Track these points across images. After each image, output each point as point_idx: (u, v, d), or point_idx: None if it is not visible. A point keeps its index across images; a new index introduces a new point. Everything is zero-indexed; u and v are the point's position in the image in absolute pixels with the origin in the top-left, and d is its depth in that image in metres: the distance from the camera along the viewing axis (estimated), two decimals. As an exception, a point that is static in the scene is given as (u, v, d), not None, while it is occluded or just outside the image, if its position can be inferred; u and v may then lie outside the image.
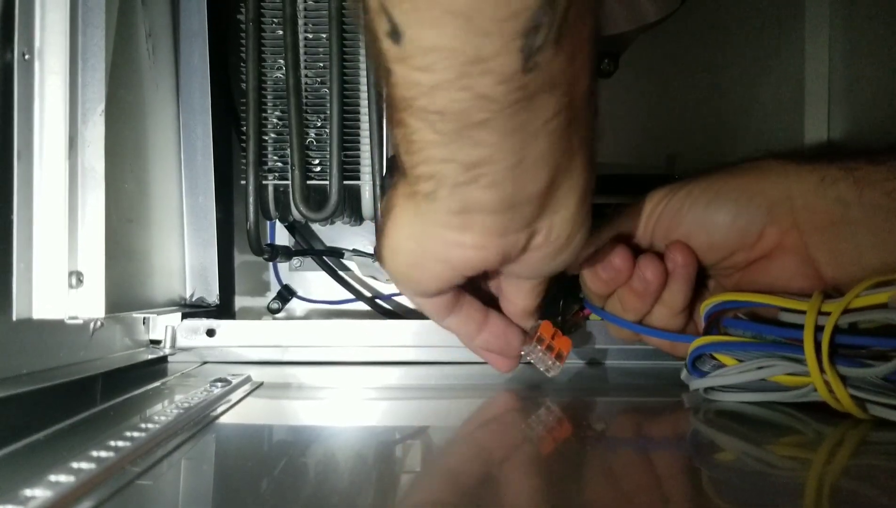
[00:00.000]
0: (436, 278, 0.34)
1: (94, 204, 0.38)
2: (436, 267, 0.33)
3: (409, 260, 0.33)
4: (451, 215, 0.30)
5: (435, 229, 0.31)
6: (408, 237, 0.32)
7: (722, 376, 0.39)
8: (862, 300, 0.35)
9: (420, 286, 0.35)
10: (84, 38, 0.39)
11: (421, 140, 0.27)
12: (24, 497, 0.24)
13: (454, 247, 0.31)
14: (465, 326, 0.39)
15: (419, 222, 0.31)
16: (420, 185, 0.29)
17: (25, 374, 0.36)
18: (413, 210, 0.31)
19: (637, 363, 0.50)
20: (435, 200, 0.29)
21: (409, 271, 0.34)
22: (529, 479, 0.30)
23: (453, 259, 0.32)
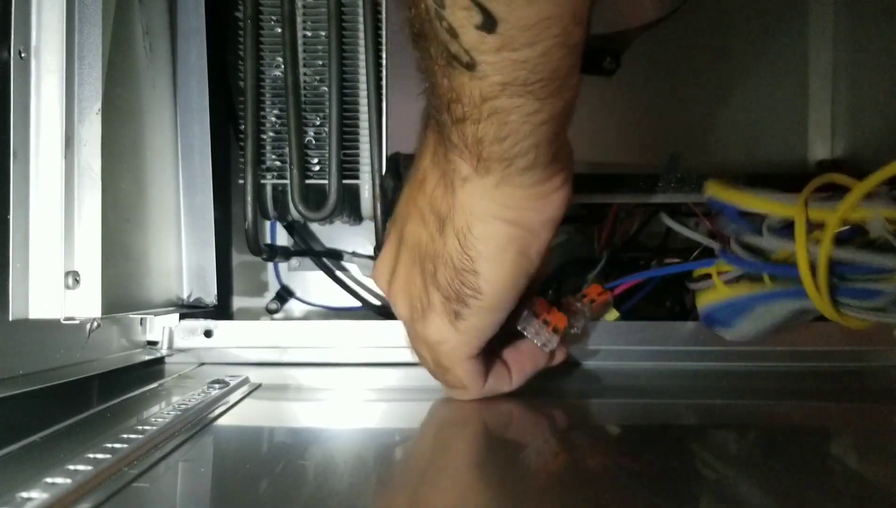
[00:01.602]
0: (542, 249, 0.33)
1: (91, 204, 0.38)
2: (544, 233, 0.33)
3: (517, 248, 0.32)
4: (546, 168, 0.30)
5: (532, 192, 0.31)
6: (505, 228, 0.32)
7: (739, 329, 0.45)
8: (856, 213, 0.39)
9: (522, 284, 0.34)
10: (81, 37, 0.38)
11: (518, 117, 0.27)
12: (21, 500, 0.24)
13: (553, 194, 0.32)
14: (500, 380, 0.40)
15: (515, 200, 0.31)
16: (516, 162, 0.29)
17: (22, 375, 0.36)
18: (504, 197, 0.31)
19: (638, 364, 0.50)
20: (535, 166, 0.30)
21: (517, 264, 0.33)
22: (530, 480, 0.29)
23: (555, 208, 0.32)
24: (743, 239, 0.44)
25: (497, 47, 0.25)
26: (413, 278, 0.35)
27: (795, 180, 0.48)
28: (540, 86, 0.26)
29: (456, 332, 0.34)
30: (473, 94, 0.27)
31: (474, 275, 0.33)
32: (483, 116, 0.28)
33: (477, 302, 0.33)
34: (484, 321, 0.34)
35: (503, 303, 0.34)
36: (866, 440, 0.36)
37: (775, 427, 0.38)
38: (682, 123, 0.62)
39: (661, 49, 0.61)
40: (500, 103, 0.27)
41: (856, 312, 0.41)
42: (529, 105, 0.27)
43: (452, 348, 0.35)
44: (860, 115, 0.60)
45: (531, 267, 0.33)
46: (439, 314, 0.34)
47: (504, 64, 0.26)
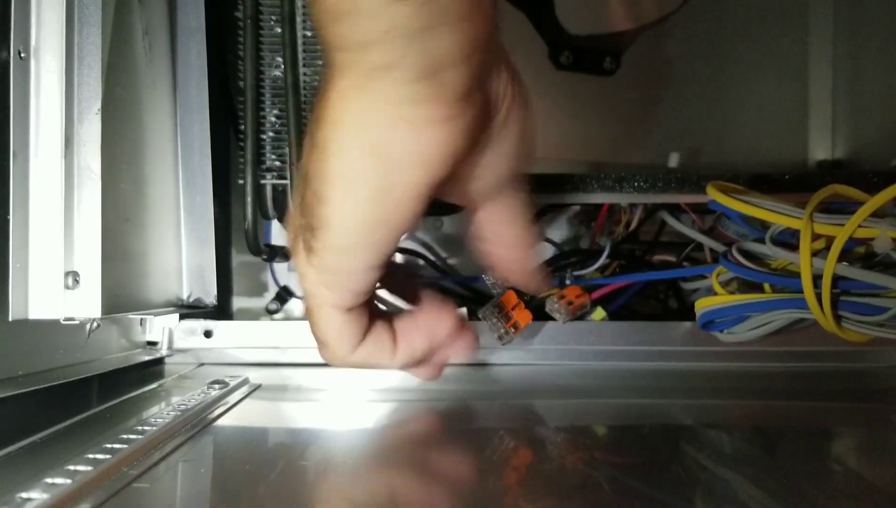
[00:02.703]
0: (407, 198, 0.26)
1: (91, 204, 0.38)
2: (408, 175, 0.26)
3: (372, 182, 0.26)
4: (416, 81, 0.24)
5: (395, 113, 0.25)
6: (361, 152, 0.26)
7: (737, 333, 0.46)
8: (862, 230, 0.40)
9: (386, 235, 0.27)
10: (80, 37, 0.38)
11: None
12: (20, 500, 0.24)
13: (425, 127, 0.25)
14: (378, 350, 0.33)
15: (371, 118, 0.25)
16: (373, 54, 0.23)
17: (21, 375, 0.36)
18: (363, 110, 0.25)
19: (637, 364, 0.50)
20: (392, 67, 0.23)
21: (372, 204, 0.26)
22: (528, 480, 0.29)
23: (427, 148, 0.25)
24: (744, 247, 0.44)
25: None
26: (296, 197, 0.30)
27: (795, 181, 0.48)
28: None
29: (311, 267, 0.29)
30: None
31: (324, 201, 0.27)
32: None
33: (325, 236, 0.27)
34: (337, 262, 0.28)
35: (357, 246, 0.27)
36: (866, 440, 0.36)
37: (774, 427, 0.38)
38: (682, 123, 0.62)
39: (661, 49, 0.61)
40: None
41: (856, 326, 0.41)
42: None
43: (311, 285, 0.29)
44: (860, 115, 0.60)
45: (397, 213, 0.27)
46: (300, 243, 0.29)
47: None
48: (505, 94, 0.28)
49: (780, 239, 0.43)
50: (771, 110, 0.62)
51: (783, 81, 0.62)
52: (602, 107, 0.61)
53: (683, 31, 0.61)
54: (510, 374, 0.49)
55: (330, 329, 0.31)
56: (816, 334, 0.46)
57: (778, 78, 0.62)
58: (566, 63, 0.58)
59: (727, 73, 0.62)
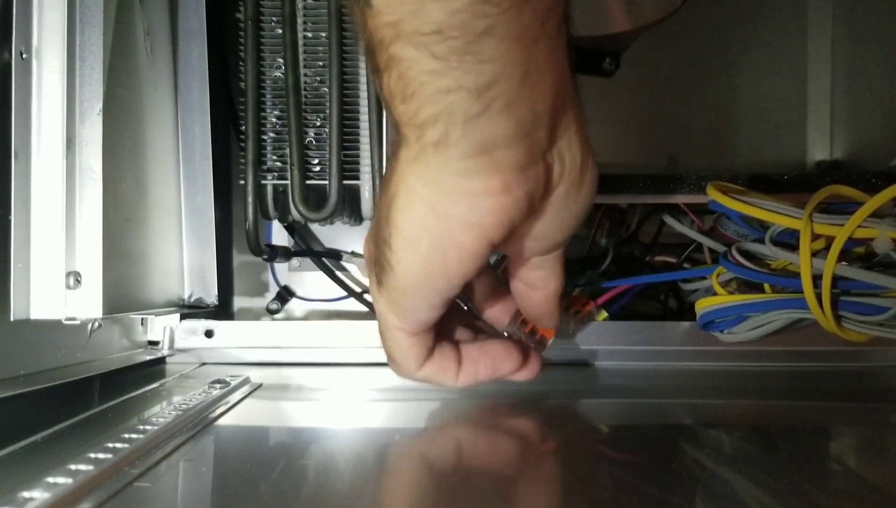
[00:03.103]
0: (464, 256, 0.29)
1: (92, 204, 0.38)
2: (464, 237, 0.28)
3: (430, 242, 0.28)
4: (468, 159, 0.26)
5: (454, 183, 0.27)
6: (422, 212, 0.28)
7: (737, 333, 0.46)
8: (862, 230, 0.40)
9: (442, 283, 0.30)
10: (82, 38, 0.38)
11: (419, 74, 0.24)
12: (22, 499, 0.24)
13: (481, 198, 0.27)
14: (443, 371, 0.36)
15: (433, 183, 0.27)
16: (426, 133, 0.26)
17: (23, 375, 0.36)
18: (424, 174, 0.27)
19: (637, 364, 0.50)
20: (447, 146, 0.26)
21: (430, 261, 0.29)
22: (528, 479, 0.30)
23: (482, 216, 0.28)
24: (744, 247, 0.44)
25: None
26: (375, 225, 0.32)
27: (795, 181, 0.48)
28: (436, 40, 0.23)
29: (380, 296, 0.32)
30: (375, 36, 0.25)
31: (389, 249, 0.29)
32: (387, 65, 0.25)
33: (391, 277, 0.30)
34: (399, 298, 0.31)
35: (417, 291, 0.31)
36: (865, 439, 0.36)
37: (774, 427, 0.38)
38: (681, 124, 0.62)
39: (661, 50, 0.61)
40: (397, 51, 0.24)
41: (856, 326, 0.41)
42: (426, 62, 0.24)
43: (381, 310, 0.33)
44: (859, 116, 0.60)
45: (449, 269, 0.29)
46: (373, 272, 0.32)
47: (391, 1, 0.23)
48: (573, 164, 0.29)
49: (779, 239, 0.43)
50: (770, 111, 0.62)
51: (782, 81, 0.62)
52: (602, 107, 0.61)
53: (683, 32, 0.61)
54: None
55: (396, 349, 0.34)
56: (816, 333, 0.46)
57: (777, 78, 0.62)
58: (566, 64, 0.57)
59: (726, 73, 0.62)
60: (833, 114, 0.61)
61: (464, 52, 0.24)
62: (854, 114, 0.60)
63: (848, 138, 0.61)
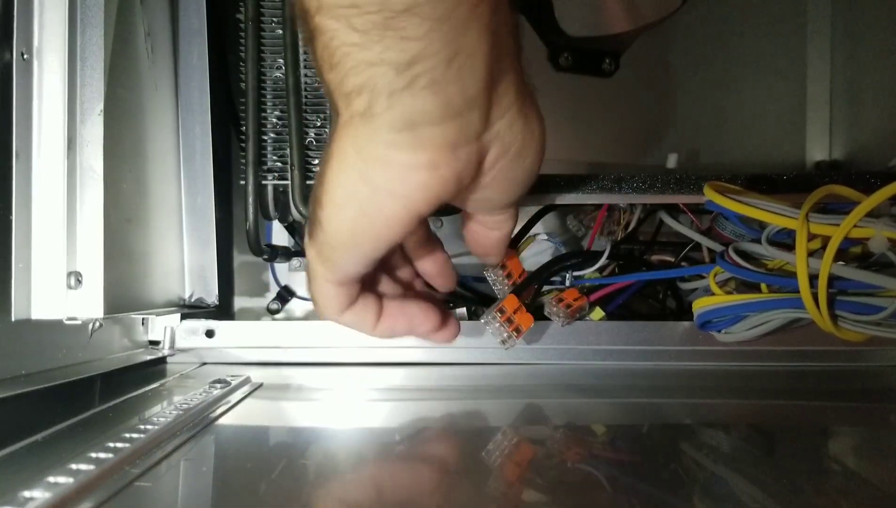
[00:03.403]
0: (389, 226, 0.29)
1: (93, 204, 0.38)
2: (391, 207, 0.29)
3: (358, 207, 0.29)
4: (395, 132, 0.27)
5: (381, 154, 0.27)
6: (352, 177, 0.28)
7: (735, 333, 0.46)
8: (858, 230, 0.40)
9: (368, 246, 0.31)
10: (83, 38, 0.38)
11: (341, 45, 0.25)
12: (23, 499, 0.24)
13: (408, 172, 0.28)
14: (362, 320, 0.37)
15: (361, 152, 0.28)
16: (353, 102, 0.26)
17: (24, 375, 0.36)
18: (354, 141, 0.28)
19: (636, 364, 0.50)
20: (372, 116, 0.26)
21: (356, 224, 0.30)
22: (527, 479, 0.30)
23: (410, 189, 0.28)
24: (740, 247, 0.44)
25: None
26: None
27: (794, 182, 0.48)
28: (355, 14, 0.24)
29: (311, 247, 0.33)
30: (300, 4, 0.25)
31: (321, 207, 0.30)
32: (314, 33, 0.25)
33: (320, 232, 0.31)
34: (325, 252, 0.32)
35: (344, 250, 0.31)
36: (864, 439, 0.36)
37: (773, 427, 0.38)
38: (681, 124, 0.62)
39: (660, 51, 0.61)
40: (321, 22, 0.25)
41: (853, 325, 0.41)
42: (347, 34, 0.24)
43: (310, 259, 0.33)
44: (858, 116, 0.60)
45: (375, 234, 0.30)
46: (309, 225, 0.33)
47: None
48: (513, 142, 0.30)
49: (776, 239, 0.43)
50: (769, 111, 0.62)
51: (781, 81, 0.62)
52: (601, 108, 0.61)
53: (682, 33, 0.61)
54: (510, 373, 0.49)
55: (319, 296, 0.35)
56: (814, 333, 0.46)
57: (776, 79, 0.62)
58: (565, 65, 0.58)
59: (726, 74, 0.62)
60: (832, 114, 0.61)
61: (384, 28, 0.24)
62: (853, 114, 0.60)
63: (847, 139, 0.61)
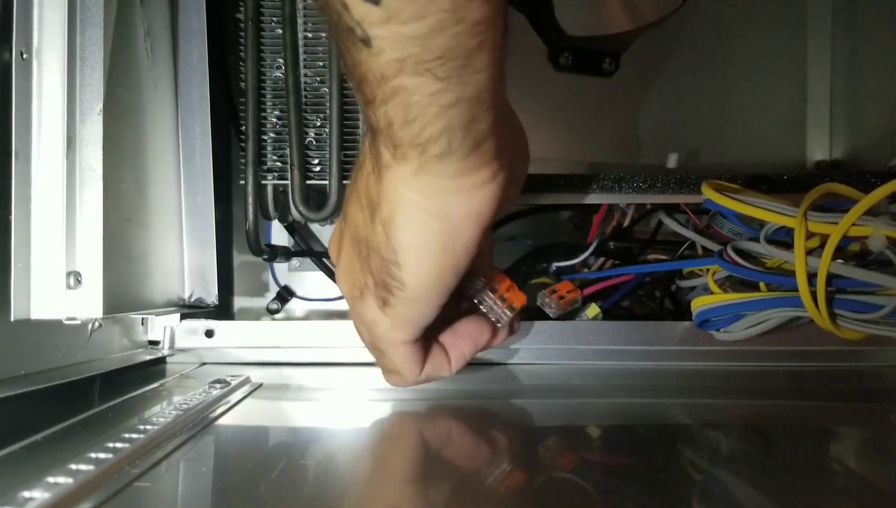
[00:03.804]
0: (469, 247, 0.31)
1: (93, 204, 0.38)
2: (468, 230, 0.31)
3: (438, 245, 0.31)
4: (464, 159, 0.28)
5: (451, 185, 0.29)
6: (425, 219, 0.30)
7: (733, 332, 0.46)
8: (857, 229, 0.40)
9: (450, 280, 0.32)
10: (82, 38, 0.38)
11: (422, 98, 0.26)
12: (23, 499, 0.24)
13: (477, 189, 0.30)
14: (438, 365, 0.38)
15: (430, 191, 0.29)
16: (430, 149, 0.28)
17: (23, 375, 0.36)
18: (421, 186, 0.29)
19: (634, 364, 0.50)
20: (450, 154, 0.28)
21: (439, 264, 0.31)
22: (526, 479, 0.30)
23: (481, 205, 0.30)
24: (739, 246, 0.44)
25: (384, 19, 0.24)
26: (353, 258, 0.35)
27: (794, 181, 0.48)
28: (438, 64, 0.25)
29: (385, 317, 0.34)
30: (375, 72, 0.26)
31: (398, 267, 0.31)
32: (388, 96, 0.26)
33: (401, 293, 0.32)
34: (410, 311, 0.33)
35: (428, 297, 0.33)
36: (864, 439, 0.36)
37: (773, 427, 0.38)
38: (681, 124, 0.62)
39: (660, 50, 0.61)
40: (401, 82, 0.26)
41: (852, 324, 0.41)
42: (430, 85, 0.26)
43: (384, 330, 0.35)
44: (858, 116, 0.60)
45: (458, 264, 0.32)
46: (372, 298, 0.34)
47: (395, 38, 0.25)
48: (518, 142, 0.33)
49: (774, 238, 0.43)
50: (769, 111, 0.62)
51: (782, 81, 0.62)
52: (601, 108, 0.61)
53: (682, 33, 0.61)
54: (509, 373, 0.49)
55: (401, 362, 0.36)
56: (814, 333, 0.46)
57: (776, 79, 0.62)
58: (565, 64, 0.58)
59: (726, 74, 0.62)
60: (832, 114, 0.61)
61: (463, 69, 0.26)
62: (853, 114, 0.60)
63: (847, 138, 0.61)
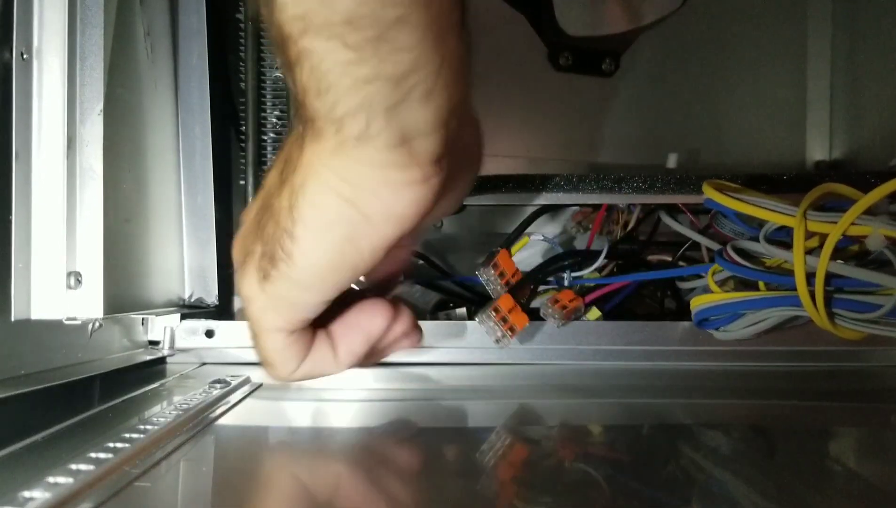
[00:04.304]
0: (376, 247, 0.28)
1: (93, 204, 0.38)
2: (383, 231, 0.28)
3: (344, 233, 0.28)
4: (390, 149, 0.26)
5: (374, 175, 0.26)
6: (334, 204, 0.27)
7: (732, 331, 0.46)
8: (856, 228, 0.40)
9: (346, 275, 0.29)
10: (82, 38, 0.38)
11: (334, 66, 0.24)
12: (23, 499, 0.24)
13: (403, 189, 0.27)
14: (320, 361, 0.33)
15: (350, 175, 0.27)
16: (346, 126, 0.25)
17: (23, 375, 0.36)
18: (340, 166, 0.26)
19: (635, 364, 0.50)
20: (369, 137, 0.25)
21: (339, 253, 0.28)
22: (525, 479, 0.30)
23: (404, 207, 0.27)
24: (738, 245, 0.44)
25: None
26: (253, 224, 0.31)
27: (794, 181, 0.48)
28: (349, 30, 0.23)
29: (262, 293, 0.30)
30: (283, 30, 0.24)
31: (291, 239, 0.28)
32: (298, 59, 0.24)
33: (286, 269, 0.29)
34: (291, 293, 0.30)
35: (315, 284, 0.29)
36: (863, 440, 0.36)
37: (773, 427, 0.38)
38: (681, 124, 0.62)
39: (660, 50, 0.61)
40: (308, 44, 0.23)
41: (850, 323, 0.41)
42: (341, 53, 0.23)
43: (258, 310, 0.31)
44: (858, 116, 0.60)
45: (359, 261, 0.28)
46: (254, 268, 0.30)
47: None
48: (470, 145, 0.30)
49: (774, 237, 0.43)
50: (769, 111, 0.62)
51: (781, 81, 0.62)
52: (601, 108, 0.61)
53: (682, 33, 0.61)
54: (508, 373, 0.49)
55: (274, 352, 0.32)
56: (814, 333, 0.46)
57: (776, 79, 0.62)
58: (565, 64, 0.58)
59: (726, 74, 0.62)
60: (832, 114, 0.61)
61: (378, 41, 0.23)
62: (854, 114, 0.60)
63: (847, 138, 0.61)
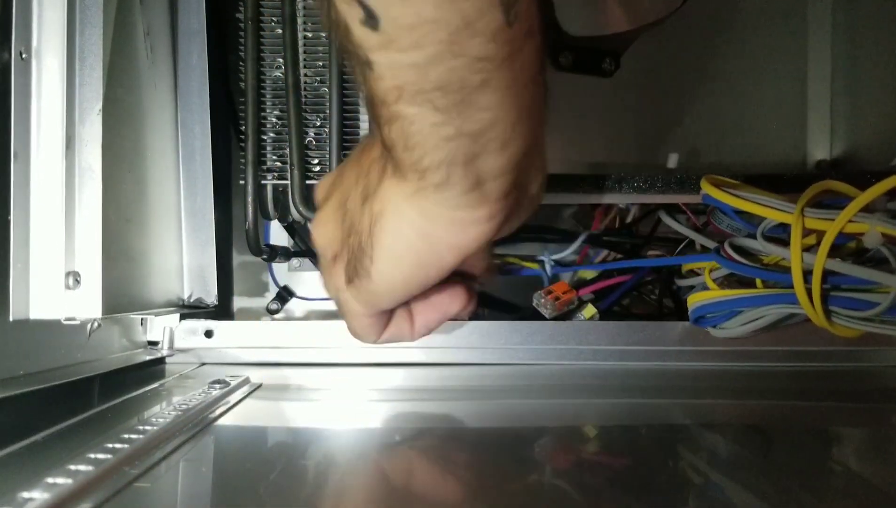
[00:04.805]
0: (440, 272, 0.32)
1: (92, 204, 0.38)
2: (447, 258, 0.31)
3: (415, 262, 0.32)
4: (464, 194, 0.29)
5: (448, 215, 0.30)
6: (409, 236, 0.31)
7: (728, 328, 0.46)
8: (853, 225, 0.40)
9: (416, 289, 0.34)
10: (82, 38, 0.38)
11: (422, 127, 0.26)
12: (22, 500, 0.24)
13: (470, 226, 0.30)
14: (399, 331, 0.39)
15: (425, 212, 0.30)
16: (429, 177, 0.28)
17: (22, 375, 0.36)
18: (418, 207, 0.30)
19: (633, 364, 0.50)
20: (448, 186, 0.28)
21: (410, 277, 0.32)
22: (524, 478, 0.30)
23: (468, 240, 0.31)
24: (736, 242, 0.44)
25: (382, 45, 0.24)
26: (337, 221, 0.35)
27: (794, 181, 0.48)
28: (439, 95, 0.25)
29: (350, 289, 0.35)
30: (377, 95, 0.26)
31: (370, 261, 0.32)
32: (389, 120, 0.27)
33: (366, 282, 0.33)
34: (372, 298, 0.34)
35: (388, 295, 0.34)
36: (863, 440, 0.36)
37: (772, 427, 0.38)
38: (681, 124, 0.62)
39: (660, 50, 0.61)
40: (400, 109, 0.26)
41: (847, 321, 0.41)
42: (430, 115, 0.26)
43: (346, 300, 0.36)
44: (859, 115, 0.60)
45: (427, 279, 0.33)
46: (342, 269, 0.35)
47: (394, 65, 0.25)
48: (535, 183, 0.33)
49: (771, 234, 0.43)
50: (770, 111, 0.62)
51: (782, 81, 0.62)
52: (601, 107, 0.61)
53: (683, 32, 0.61)
54: (509, 374, 0.49)
55: (359, 328, 0.37)
56: (813, 333, 0.46)
57: (777, 78, 0.62)
58: (565, 64, 0.58)
59: (726, 73, 0.62)
60: (833, 113, 0.61)
61: (462, 104, 0.25)
62: (854, 114, 0.60)
63: (848, 138, 0.61)
